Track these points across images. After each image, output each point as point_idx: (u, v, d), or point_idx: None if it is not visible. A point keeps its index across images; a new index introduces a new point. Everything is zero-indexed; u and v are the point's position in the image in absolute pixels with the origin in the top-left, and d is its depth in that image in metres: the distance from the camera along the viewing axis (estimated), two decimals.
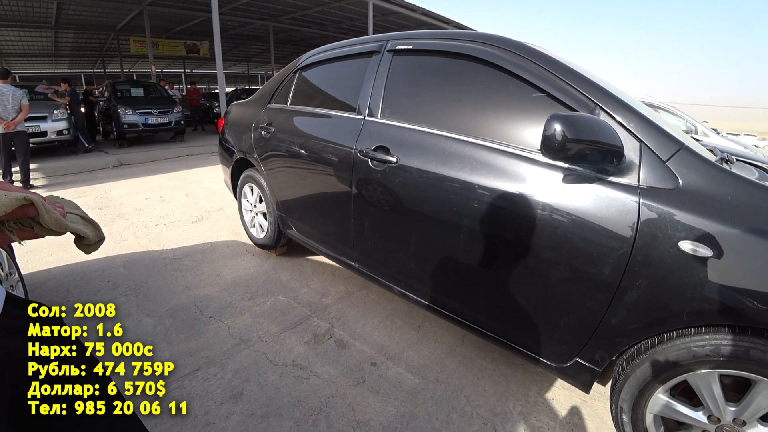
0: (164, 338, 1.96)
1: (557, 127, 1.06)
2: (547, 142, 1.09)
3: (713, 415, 1.09)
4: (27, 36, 14.64)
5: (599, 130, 1.09)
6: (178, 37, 14.90)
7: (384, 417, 1.49)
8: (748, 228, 0.97)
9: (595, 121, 1.11)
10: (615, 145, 1.10)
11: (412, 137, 1.61)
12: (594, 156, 1.11)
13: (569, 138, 1.06)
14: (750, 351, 0.98)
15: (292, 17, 12.85)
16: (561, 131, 1.06)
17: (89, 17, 12.03)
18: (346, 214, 1.93)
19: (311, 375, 1.71)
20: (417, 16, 12.05)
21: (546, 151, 1.12)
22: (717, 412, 1.08)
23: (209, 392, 1.59)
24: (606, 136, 1.09)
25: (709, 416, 1.10)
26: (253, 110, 2.78)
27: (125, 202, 4.51)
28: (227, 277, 2.63)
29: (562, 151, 1.08)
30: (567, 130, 1.06)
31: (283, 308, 2.25)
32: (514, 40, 1.47)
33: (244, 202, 3.08)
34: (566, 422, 1.51)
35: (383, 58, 1.81)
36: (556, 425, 1.49)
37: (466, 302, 1.58)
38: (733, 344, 1.00)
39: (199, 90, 12.89)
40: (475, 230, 1.41)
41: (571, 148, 1.07)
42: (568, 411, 1.57)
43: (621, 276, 1.12)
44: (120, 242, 3.26)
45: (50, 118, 6.93)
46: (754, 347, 0.97)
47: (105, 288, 2.48)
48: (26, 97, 5.31)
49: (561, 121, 1.07)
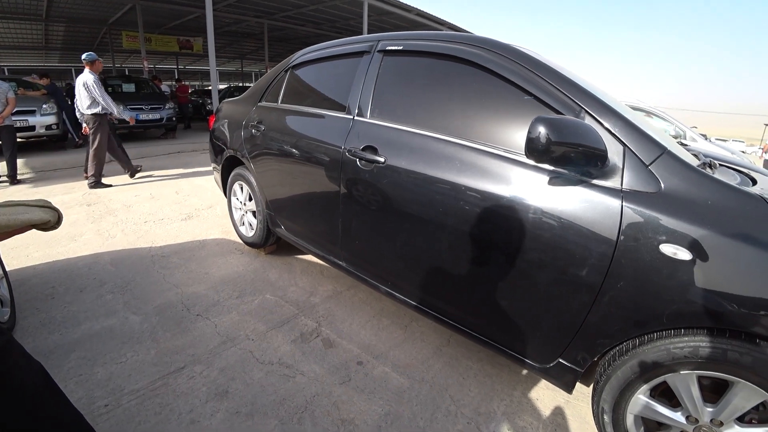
0: (150, 336, 1.94)
1: (541, 130, 1.08)
2: (532, 145, 1.11)
3: (691, 415, 1.12)
4: (17, 28, 14.36)
5: (583, 134, 1.10)
6: (171, 32, 14.74)
7: (369, 416, 1.50)
8: (727, 232, 0.99)
9: (579, 124, 1.13)
10: (598, 149, 1.11)
11: (400, 138, 1.62)
12: (578, 159, 1.12)
13: (553, 141, 1.07)
14: (728, 353, 1.00)
15: (287, 15, 12.79)
16: (545, 134, 1.07)
17: (81, 10, 11.82)
18: (334, 214, 1.93)
19: (297, 373, 1.71)
20: (412, 16, 12.06)
21: (530, 154, 1.13)
22: (695, 412, 1.10)
23: (194, 390, 1.59)
24: (590, 140, 1.10)
25: (688, 417, 1.12)
26: (243, 108, 2.77)
27: (114, 198, 4.46)
28: (216, 276, 2.61)
29: (546, 153, 1.10)
30: (551, 133, 1.07)
31: (271, 307, 2.25)
32: (503, 43, 1.48)
33: (234, 200, 3.07)
34: (550, 422, 1.53)
35: (373, 59, 1.82)
36: (539, 425, 1.51)
37: (451, 302, 1.59)
38: (712, 346, 1.02)
39: (187, 87, 12.75)
40: (460, 231, 1.42)
41: (556, 150, 1.09)
42: (552, 411, 1.59)
43: (603, 278, 1.13)
44: (108, 239, 3.23)
45: (39, 113, 6.80)
46: (732, 349, 0.99)
47: (91, 285, 2.45)
48: (12, 90, 5.22)
49: (545, 123, 1.08)
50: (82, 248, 3.03)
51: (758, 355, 0.96)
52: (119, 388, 1.59)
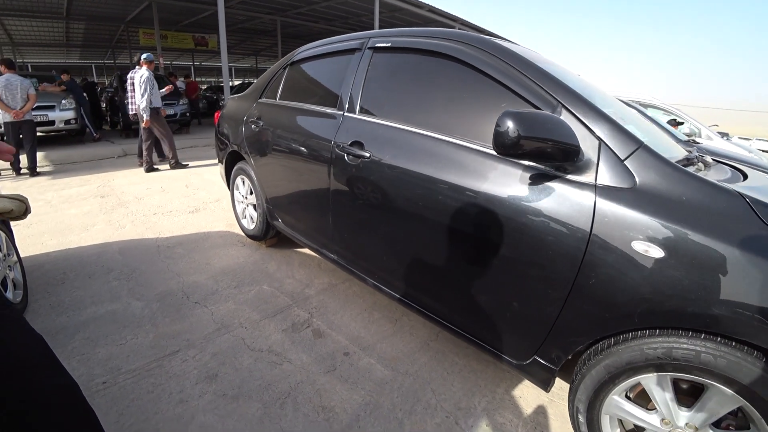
0: (150, 321, 2.04)
1: (510, 124, 1.06)
2: (500, 139, 1.09)
3: (666, 419, 1.09)
4: (39, 26, 14.84)
5: (553, 128, 1.09)
6: (186, 29, 15.02)
7: (349, 404, 1.55)
8: (700, 229, 0.97)
9: (549, 118, 1.11)
10: (570, 144, 1.10)
11: (385, 133, 1.65)
12: (550, 154, 1.11)
13: (522, 135, 1.05)
14: (701, 355, 0.97)
15: (299, 12, 12.88)
16: (514, 128, 1.06)
17: (100, 8, 12.14)
18: (325, 207, 1.98)
19: (284, 361, 1.77)
20: (424, 12, 12.02)
21: (497, 148, 1.12)
22: (669, 416, 1.07)
23: (186, 372, 1.67)
24: (560, 135, 1.09)
25: (663, 420, 1.10)
26: (246, 104, 2.84)
27: (127, 191, 4.61)
28: (216, 266, 2.70)
29: (515, 147, 1.08)
30: (519, 127, 1.06)
31: (267, 297, 2.32)
32: (484, 38, 1.49)
33: (237, 194, 3.15)
34: (530, 420, 1.52)
35: (364, 55, 1.85)
36: (519, 422, 1.50)
37: (432, 295, 1.62)
38: (685, 348, 0.99)
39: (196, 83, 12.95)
40: (437, 225, 1.45)
41: (526, 145, 1.07)
42: (534, 410, 1.58)
43: (575, 274, 1.12)
44: (118, 229, 3.36)
45: (58, 108, 7.08)
46: (706, 352, 0.96)
47: (99, 272, 2.57)
48: (33, 86, 5.45)
49: (513, 117, 1.07)
50: (94, 237, 3.17)
51: (733, 358, 0.93)
52: (117, 367, 1.69)
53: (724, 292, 0.92)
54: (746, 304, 0.89)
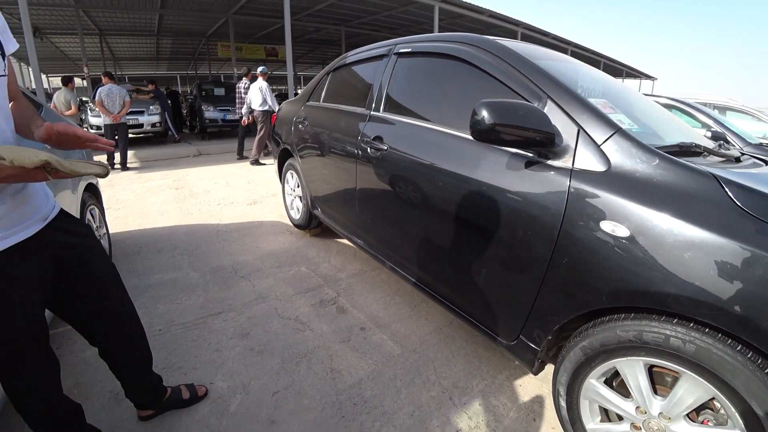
0: (202, 288, 2.40)
1: (484, 113, 1.15)
2: (475, 126, 1.18)
3: (641, 407, 1.08)
4: (135, 42, 17.14)
5: (526, 116, 1.16)
6: (259, 41, 16.34)
7: (355, 370, 1.72)
8: (667, 209, 0.97)
9: (522, 106, 1.18)
10: (543, 130, 1.17)
11: (401, 128, 1.84)
12: (527, 140, 1.19)
13: (497, 123, 1.14)
14: (670, 339, 0.95)
15: (362, 22, 13.44)
16: (488, 116, 1.14)
17: (184, 25, 13.78)
18: (352, 196, 2.20)
19: (307, 329, 2.00)
20: (484, 18, 11.93)
21: (474, 134, 1.21)
22: (643, 404, 1.07)
23: (224, 329, 1.97)
24: (534, 122, 1.17)
25: (638, 408, 1.09)
26: (296, 107, 3.17)
27: (197, 184, 5.24)
28: (264, 249, 3.04)
29: (490, 133, 1.16)
30: (493, 116, 1.14)
31: (302, 277, 2.59)
32: (486, 38, 1.61)
33: (286, 187, 3.49)
34: (525, 407, 1.56)
35: (390, 60, 2.05)
36: (513, 407, 1.55)
37: (433, 274, 1.75)
38: (655, 331, 0.98)
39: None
40: (438, 209, 1.59)
41: (503, 132, 1.16)
42: (532, 399, 1.61)
43: (551, 254, 1.18)
44: (187, 215, 3.88)
45: (147, 113, 8.24)
46: (675, 336, 0.95)
47: (167, 248, 3.03)
48: (129, 95, 6.47)
49: (487, 106, 1.15)
50: (166, 221, 3.70)
51: (702, 344, 0.91)
52: (171, 320, 2.05)
53: (686, 272, 0.92)
54: (707, 284, 0.89)
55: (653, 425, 1.07)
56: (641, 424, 1.10)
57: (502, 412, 1.53)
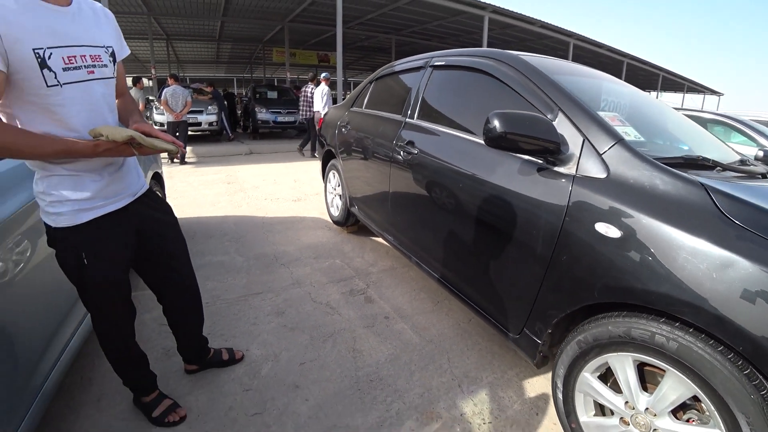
0: (246, 271, 2.68)
1: (495, 122, 1.28)
2: (488, 134, 1.31)
3: (630, 402, 1.13)
4: (198, 47, 18.69)
5: (533, 126, 1.28)
6: (312, 48, 17.16)
7: (375, 352, 1.89)
8: (656, 214, 1.05)
9: (531, 117, 1.30)
10: (549, 139, 1.28)
11: (430, 134, 2.00)
12: (535, 147, 1.31)
13: (507, 131, 1.26)
14: (655, 337, 1.01)
15: (413, 31, 13.73)
16: (499, 125, 1.27)
17: (243, 32, 14.81)
18: (385, 196, 2.39)
19: (335, 313, 2.20)
20: (536, 29, 11.77)
21: (486, 140, 1.34)
22: (631, 399, 1.12)
23: (262, 307, 2.22)
24: (541, 132, 1.28)
25: (626, 403, 1.14)
26: (341, 112, 3.42)
27: (247, 180, 5.67)
28: (304, 241, 3.30)
29: (502, 141, 1.28)
30: (504, 125, 1.26)
31: (337, 268, 2.80)
32: (509, 54, 1.74)
33: (328, 185, 3.75)
34: (530, 402, 1.62)
35: (425, 72, 2.22)
36: (518, 401, 1.62)
37: (453, 270, 1.89)
38: (643, 328, 1.04)
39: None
40: (455, 208, 1.74)
41: (514, 140, 1.28)
42: (538, 395, 1.67)
43: (552, 252, 1.29)
44: (237, 208, 4.26)
45: (205, 113, 8.94)
46: (660, 333, 1.00)
47: (217, 234, 3.38)
48: (190, 95, 7.15)
49: (498, 116, 1.28)
50: (218, 211, 4.09)
51: (684, 342, 0.96)
52: (217, 296, 2.33)
53: (670, 272, 0.99)
54: (689, 284, 0.95)
55: (640, 420, 1.13)
56: (629, 418, 1.16)
57: (506, 403, 1.62)
